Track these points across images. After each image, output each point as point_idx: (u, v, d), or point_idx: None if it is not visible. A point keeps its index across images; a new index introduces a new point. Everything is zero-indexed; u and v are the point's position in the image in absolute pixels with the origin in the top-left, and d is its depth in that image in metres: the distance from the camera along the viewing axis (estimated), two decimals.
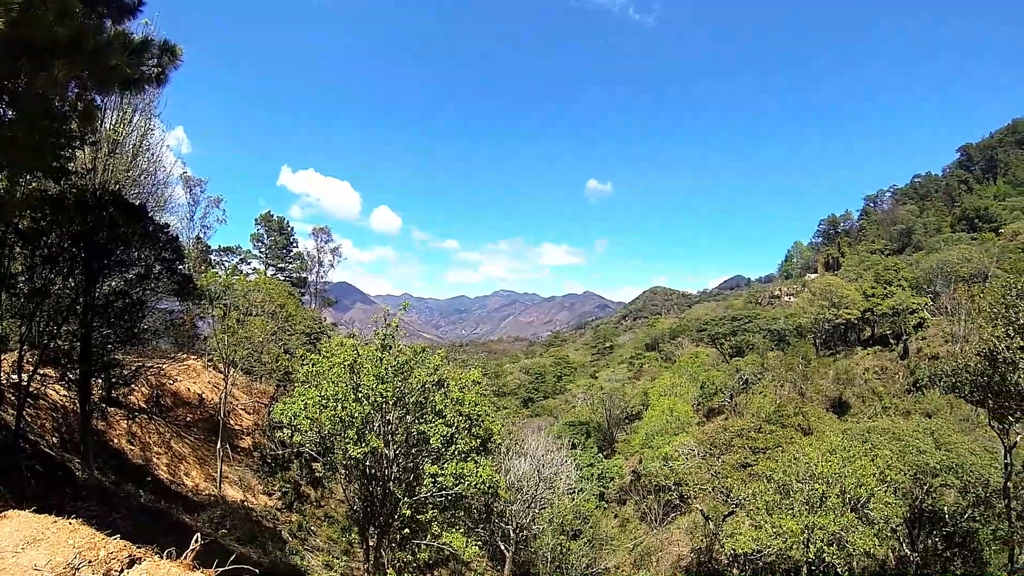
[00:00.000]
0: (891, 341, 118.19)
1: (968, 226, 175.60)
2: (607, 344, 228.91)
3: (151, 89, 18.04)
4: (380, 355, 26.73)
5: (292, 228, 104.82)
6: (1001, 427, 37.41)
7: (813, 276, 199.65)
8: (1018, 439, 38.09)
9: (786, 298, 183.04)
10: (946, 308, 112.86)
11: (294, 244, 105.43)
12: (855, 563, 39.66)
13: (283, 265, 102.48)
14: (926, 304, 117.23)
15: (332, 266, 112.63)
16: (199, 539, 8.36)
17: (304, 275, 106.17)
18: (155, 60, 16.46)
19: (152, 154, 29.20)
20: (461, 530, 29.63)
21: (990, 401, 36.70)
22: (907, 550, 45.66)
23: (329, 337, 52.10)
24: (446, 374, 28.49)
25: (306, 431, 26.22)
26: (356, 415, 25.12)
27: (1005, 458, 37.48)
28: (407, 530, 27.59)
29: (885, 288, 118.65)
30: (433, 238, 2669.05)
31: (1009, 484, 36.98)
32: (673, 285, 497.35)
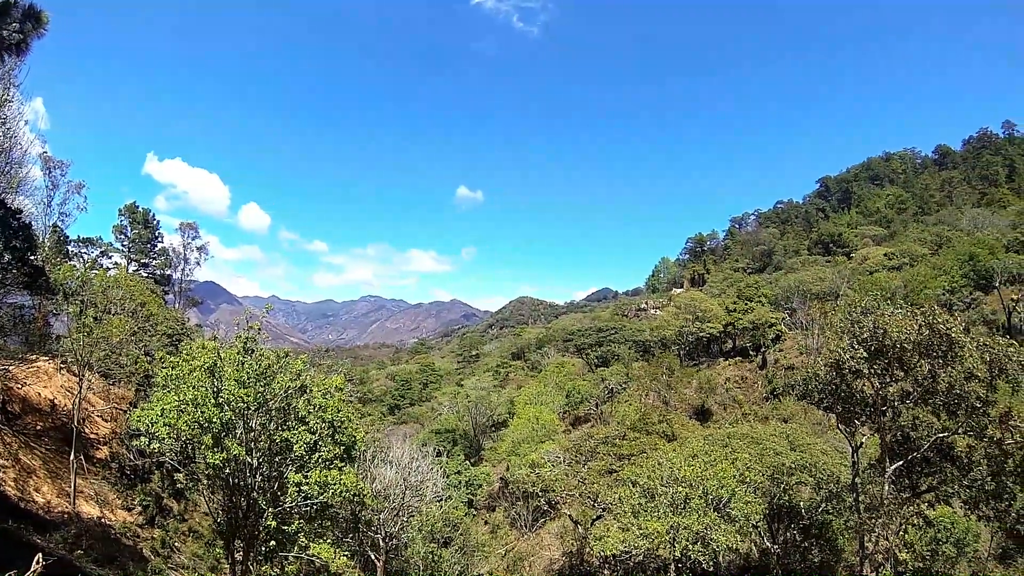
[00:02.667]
0: (751, 353, 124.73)
1: (823, 250, 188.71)
2: (473, 352, 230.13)
3: (10, 58, 16.40)
4: (242, 359, 25.63)
5: (158, 222, 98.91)
6: (848, 429, 40.88)
7: (679, 291, 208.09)
8: (864, 440, 41.70)
9: (652, 311, 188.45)
10: (801, 323, 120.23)
11: (159, 239, 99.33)
12: (721, 558, 41.43)
13: (147, 261, 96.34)
14: (783, 319, 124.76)
15: (198, 264, 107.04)
16: (40, 560, 7.52)
17: (168, 272, 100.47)
18: (17, 26, 14.92)
19: (8, 129, 26.68)
20: (329, 540, 28.69)
21: (838, 406, 40.14)
22: (768, 543, 49.42)
23: (192, 339, 49.49)
24: (310, 380, 27.57)
25: (164, 438, 24.65)
26: (215, 420, 23.90)
27: (852, 457, 40.65)
28: (273, 542, 26.33)
29: (746, 304, 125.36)
30: (302, 239, 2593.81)
31: (857, 480, 40.23)
32: (540, 296, 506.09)
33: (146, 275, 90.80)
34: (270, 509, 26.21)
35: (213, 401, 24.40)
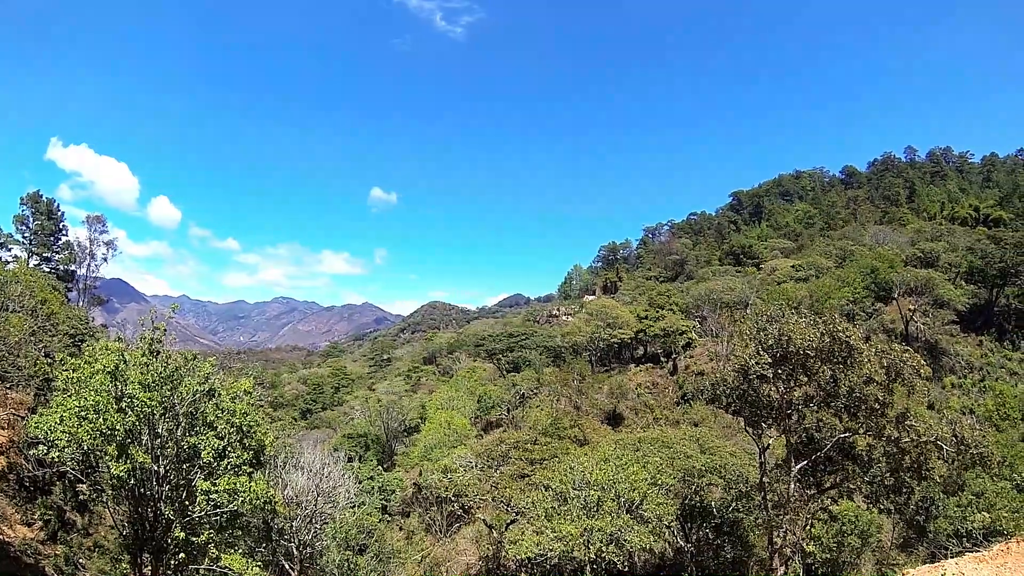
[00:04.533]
0: (662, 359, 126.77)
1: (734, 260, 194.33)
2: (385, 356, 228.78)
3: None
4: (147, 361, 24.72)
5: (62, 213, 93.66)
6: (755, 432, 42.33)
7: (591, 298, 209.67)
8: (770, 441, 43.30)
9: (564, 317, 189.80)
10: (712, 330, 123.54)
11: (64, 232, 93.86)
12: (636, 558, 42.18)
13: (49, 255, 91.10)
14: (694, 326, 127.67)
15: (105, 260, 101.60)
16: None
17: (73, 268, 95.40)
18: None
19: None
20: (241, 551, 28.04)
21: (746, 410, 41.65)
22: (682, 542, 50.55)
23: (96, 340, 47.35)
24: (218, 383, 26.80)
25: (65, 447, 23.53)
26: (119, 427, 22.98)
27: (760, 458, 42.02)
28: (183, 555, 25.44)
29: (658, 311, 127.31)
30: (214, 236, 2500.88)
31: (764, 479, 41.57)
32: (452, 301, 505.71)
33: (48, 270, 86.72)
34: (178, 520, 25.38)
35: (116, 406, 23.47)
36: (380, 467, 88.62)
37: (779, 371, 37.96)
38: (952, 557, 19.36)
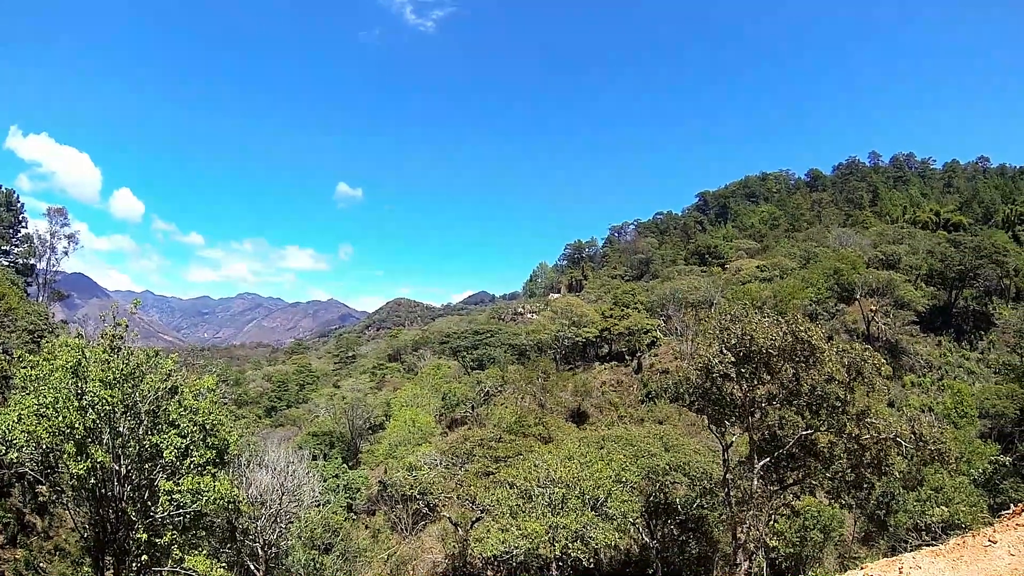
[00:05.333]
0: (627, 357, 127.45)
1: (700, 260, 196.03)
2: (350, 353, 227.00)
3: None
4: (108, 358, 24.31)
5: (22, 205, 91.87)
6: (719, 430, 43.08)
7: (557, 296, 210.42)
8: (734, 439, 44.24)
9: (529, 315, 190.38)
10: (676, 329, 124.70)
11: (23, 224, 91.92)
12: (602, 555, 42.44)
13: (8, 248, 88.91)
14: (659, 325, 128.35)
15: (67, 254, 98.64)
16: None
17: (32, 262, 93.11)
18: None
19: None
20: (205, 551, 27.65)
21: (709, 408, 42.15)
22: (647, 539, 51.40)
23: (56, 336, 46.39)
24: (181, 380, 26.44)
25: (23, 446, 23.04)
26: (78, 425, 22.58)
27: (723, 455, 42.58)
28: (145, 556, 25.04)
29: (623, 310, 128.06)
30: (178, 230, 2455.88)
31: (728, 476, 41.99)
32: (417, 297, 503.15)
33: (6, 264, 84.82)
34: (141, 520, 25.03)
35: (76, 404, 23.04)
36: (345, 465, 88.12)
37: (742, 370, 38.42)
38: (911, 551, 19.76)
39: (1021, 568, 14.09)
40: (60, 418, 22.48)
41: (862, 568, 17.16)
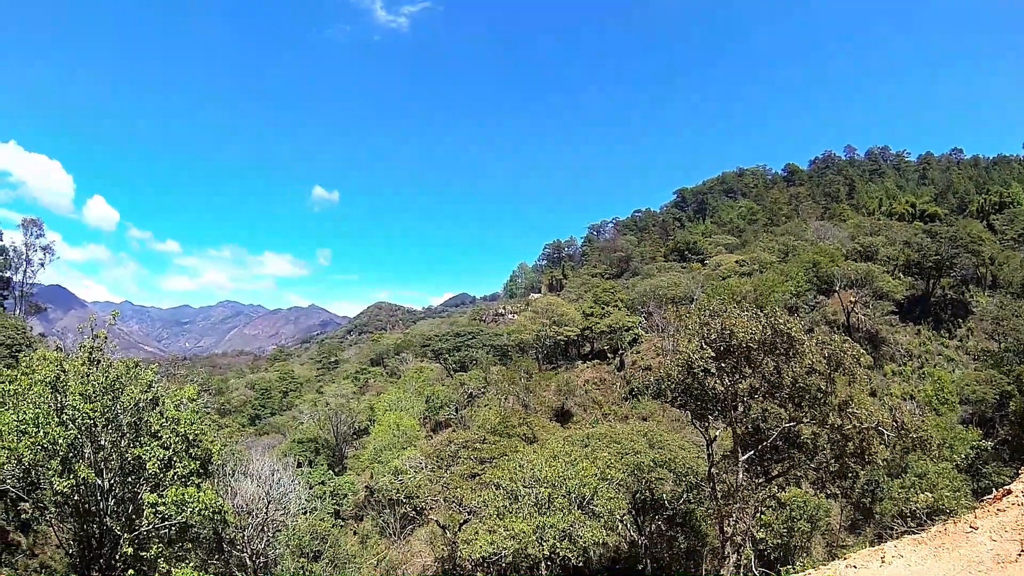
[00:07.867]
0: (609, 355, 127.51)
1: (679, 257, 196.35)
2: (333, 359, 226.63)
3: None
4: (87, 370, 24.09)
5: None
6: (702, 425, 43.18)
7: (537, 296, 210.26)
8: (717, 433, 44.29)
9: (510, 316, 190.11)
10: (657, 326, 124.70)
11: None
12: (591, 553, 42.51)
13: None
14: (640, 322, 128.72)
15: (43, 266, 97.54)
16: None
17: (8, 275, 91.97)
18: None
19: None
20: (192, 564, 27.49)
21: (691, 404, 42.34)
22: (636, 535, 52.14)
23: (35, 350, 45.81)
24: (162, 391, 26.24)
25: (4, 464, 22.75)
26: (61, 441, 22.35)
27: (708, 450, 42.77)
28: (132, 571, 24.74)
29: (603, 308, 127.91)
30: (154, 238, 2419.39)
31: (713, 470, 42.49)
32: (398, 301, 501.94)
33: None
34: (125, 535, 24.78)
35: (57, 419, 22.83)
36: (331, 471, 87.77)
37: (723, 364, 38.69)
38: (896, 538, 19.98)
39: (1002, 553, 14.30)
40: (41, 434, 22.23)
41: (845, 559, 17.34)
